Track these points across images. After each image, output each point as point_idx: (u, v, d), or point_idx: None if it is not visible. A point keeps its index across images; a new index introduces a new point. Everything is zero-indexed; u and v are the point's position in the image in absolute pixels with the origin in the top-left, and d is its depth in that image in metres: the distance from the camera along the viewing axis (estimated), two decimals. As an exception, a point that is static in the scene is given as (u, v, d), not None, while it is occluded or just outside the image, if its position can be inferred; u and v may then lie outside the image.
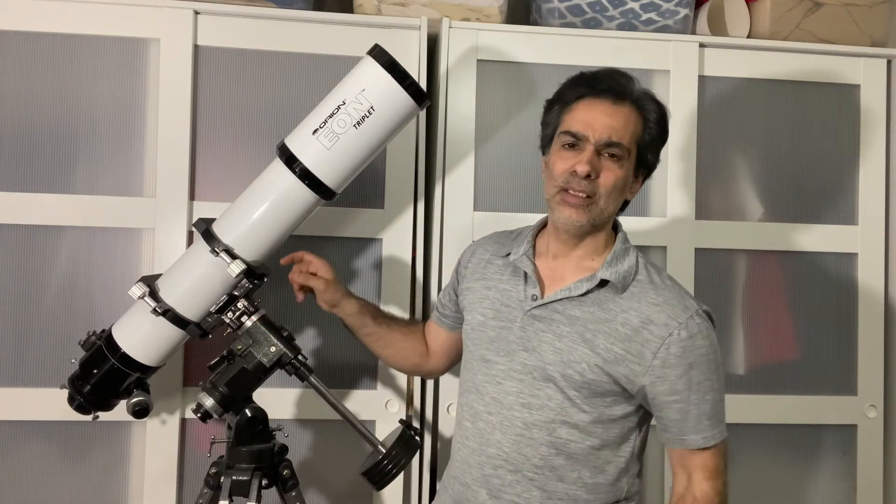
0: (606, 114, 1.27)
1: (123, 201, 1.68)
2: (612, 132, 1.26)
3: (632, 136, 1.28)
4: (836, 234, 1.89)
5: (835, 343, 1.90)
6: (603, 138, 1.26)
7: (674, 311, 1.26)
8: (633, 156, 1.30)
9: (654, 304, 1.27)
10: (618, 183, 1.28)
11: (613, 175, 1.27)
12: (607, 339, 1.26)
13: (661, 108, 1.34)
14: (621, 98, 1.28)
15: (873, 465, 1.89)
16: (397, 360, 1.59)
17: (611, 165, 1.27)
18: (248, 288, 1.44)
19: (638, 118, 1.30)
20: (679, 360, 1.24)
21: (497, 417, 1.32)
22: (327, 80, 1.59)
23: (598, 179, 1.26)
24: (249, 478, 1.38)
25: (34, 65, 1.67)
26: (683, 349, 1.24)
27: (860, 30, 1.92)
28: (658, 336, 1.25)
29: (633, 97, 1.30)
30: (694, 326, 1.25)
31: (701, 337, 1.26)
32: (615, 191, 1.28)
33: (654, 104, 1.33)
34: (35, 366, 1.67)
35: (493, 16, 1.82)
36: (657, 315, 1.26)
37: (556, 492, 1.29)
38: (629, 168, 1.30)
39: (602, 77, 1.31)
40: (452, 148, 1.77)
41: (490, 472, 1.32)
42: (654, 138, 1.32)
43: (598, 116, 1.27)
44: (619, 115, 1.27)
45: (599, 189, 1.27)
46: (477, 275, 1.44)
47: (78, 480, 1.69)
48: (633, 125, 1.29)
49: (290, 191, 1.40)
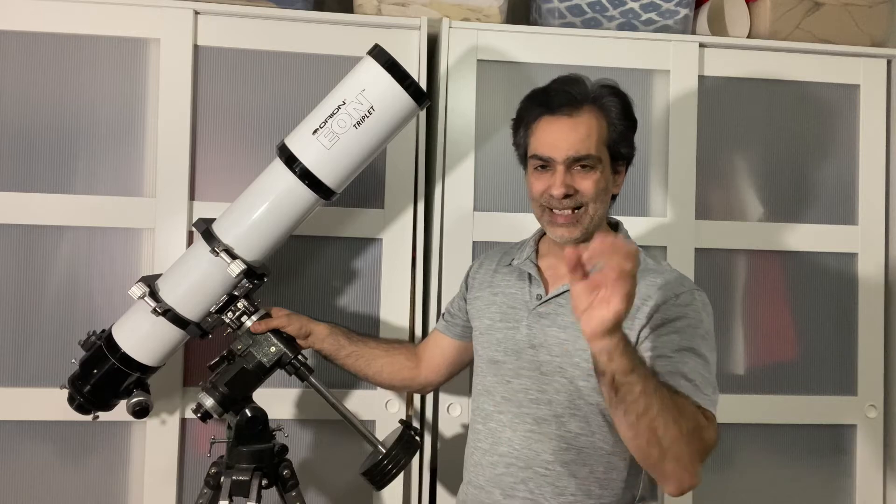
0: (566, 130, 1.28)
1: (123, 201, 1.68)
2: (577, 147, 1.28)
3: (597, 141, 1.29)
4: (836, 234, 1.89)
5: (834, 343, 1.90)
6: (569, 156, 1.28)
7: (670, 286, 1.28)
8: (606, 157, 1.31)
9: (654, 284, 1.29)
10: (598, 187, 1.29)
11: (591, 182, 1.29)
12: None
13: (623, 98, 1.33)
14: (577, 107, 1.29)
15: (873, 465, 1.89)
16: (384, 378, 1.58)
17: (585, 175, 1.29)
18: (248, 288, 1.44)
19: (600, 120, 1.30)
20: (667, 323, 1.23)
21: (507, 416, 1.33)
22: (327, 80, 1.59)
23: (577, 193, 1.28)
24: (249, 478, 1.38)
25: (34, 65, 1.67)
26: (672, 314, 1.24)
27: (860, 30, 1.92)
28: (653, 305, 1.26)
29: (590, 99, 1.30)
30: (687, 297, 1.26)
31: (693, 309, 1.25)
32: (599, 195, 1.30)
33: (613, 97, 1.32)
34: (35, 366, 1.67)
35: (493, 16, 1.82)
36: (655, 292, 1.27)
37: (569, 487, 1.29)
38: (605, 170, 1.31)
39: (554, 93, 1.31)
40: (452, 148, 1.77)
41: (502, 472, 1.33)
42: (623, 131, 1.32)
43: (560, 135, 1.28)
44: (580, 126, 1.28)
45: (583, 199, 1.29)
46: (485, 284, 1.46)
47: (78, 480, 1.69)
48: (597, 130, 1.29)
49: (290, 191, 1.40)
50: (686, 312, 1.25)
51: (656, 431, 1.07)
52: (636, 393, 1.05)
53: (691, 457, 1.10)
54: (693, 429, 1.11)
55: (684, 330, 1.23)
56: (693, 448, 1.10)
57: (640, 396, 1.05)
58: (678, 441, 1.08)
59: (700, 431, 1.12)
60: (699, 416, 1.14)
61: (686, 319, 1.24)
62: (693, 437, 1.10)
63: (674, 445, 1.08)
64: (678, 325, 1.24)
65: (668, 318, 1.24)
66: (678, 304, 1.25)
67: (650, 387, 1.06)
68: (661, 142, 1.83)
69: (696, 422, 1.12)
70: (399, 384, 1.61)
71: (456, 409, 1.75)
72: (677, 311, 1.25)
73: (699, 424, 1.13)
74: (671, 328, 1.23)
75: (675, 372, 1.18)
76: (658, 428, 1.07)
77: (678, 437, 1.08)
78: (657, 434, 1.07)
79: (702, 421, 1.14)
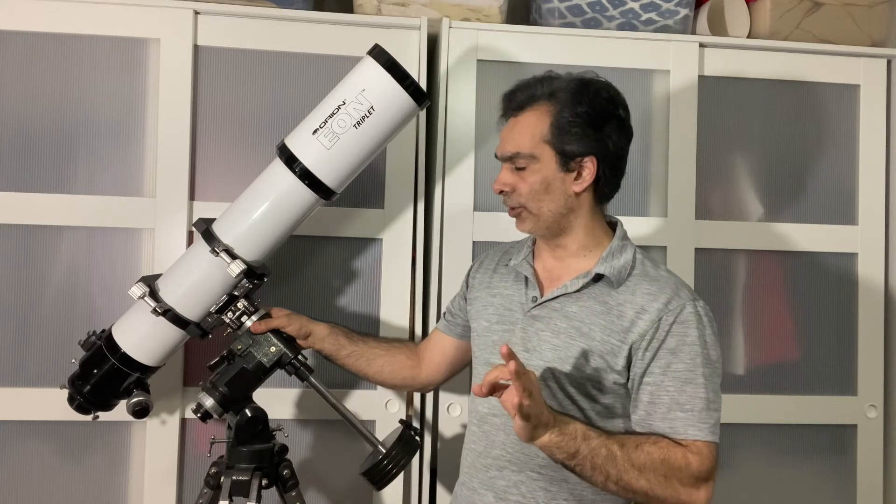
0: (508, 130, 1.35)
1: (123, 201, 1.68)
2: (507, 146, 1.33)
3: (533, 138, 1.29)
4: (836, 234, 1.89)
5: (835, 343, 1.90)
6: (505, 154, 1.33)
7: (667, 299, 1.26)
8: (549, 154, 1.29)
9: (649, 293, 1.28)
10: (534, 187, 1.30)
11: (524, 182, 1.31)
12: (603, 331, 1.27)
13: (584, 92, 1.29)
14: (520, 109, 1.33)
15: (873, 465, 1.89)
16: (384, 377, 1.58)
17: (522, 174, 1.32)
18: (248, 288, 1.44)
19: (543, 115, 1.30)
20: (661, 344, 1.24)
21: (501, 419, 1.33)
22: (327, 80, 1.59)
23: (514, 191, 1.32)
24: (249, 478, 1.38)
25: (34, 65, 1.67)
26: (668, 334, 1.24)
27: (860, 30, 1.92)
28: (649, 321, 1.25)
29: (539, 99, 1.31)
30: (685, 315, 1.25)
31: (691, 327, 1.25)
32: (535, 195, 1.30)
33: (568, 93, 1.29)
34: (35, 366, 1.67)
35: (493, 16, 1.82)
36: (650, 304, 1.26)
37: (561, 492, 1.29)
38: (545, 168, 1.29)
39: (506, 97, 1.37)
40: (452, 148, 1.77)
41: (495, 474, 1.33)
42: (567, 127, 1.28)
43: (504, 135, 1.35)
44: (518, 125, 1.33)
45: (518, 198, 1.32)
46: (483, 284, 1.46)
47: (78, 480, 1.69)
48: (534, 127, 1.30)
49: (290, 191, 1.40)
50: (685, 332, 1.25)
51: (627, 488, 1.20)
52: (588, 469, 1.18)
53: (675, 494, 1.21)
54: (666, 473, 1.20)
55: (682, 355, 1.24)
56: (675, 488, 1.21)
57: (594, 472, 1.18)
58: (652, 490, 1.20)
59: (678, 471, 1.21)
60: (673, 457, 1.21)
61: (684, 341, 1.24)
62: (670, 480, 1.20)
63: (651, 493, 1.20)
64: (675, 348, 1.24)
65: (665, 343, 1.24)
66: (677, 323, 1.25)
67: (599, 460, 1.18)
68: (661, 142, 1.83)
69: (669, 464, 1.21)
70: (400, 383, 1.61)
71: (456, 409, 1.75)
72: (675, 333, 1.24)
73: (674, 465, 1.21)
74: (668, 354, 1.24)
75: (673, 404, 1.23)
76: (626, 486, 1.20)
77: (649, 487, 1.20)
78: (629, 489, 1.20)
79: (678, 460, 1.21)
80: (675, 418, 1.23)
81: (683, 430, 1.23)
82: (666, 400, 1.24)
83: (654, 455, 1.20)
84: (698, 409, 1.23)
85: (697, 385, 1.24)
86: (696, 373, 1.24)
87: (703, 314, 1.27)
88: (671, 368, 1.24)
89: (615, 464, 1.18)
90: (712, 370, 1.26)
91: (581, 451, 1.17)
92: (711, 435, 1.23)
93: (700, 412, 1.23)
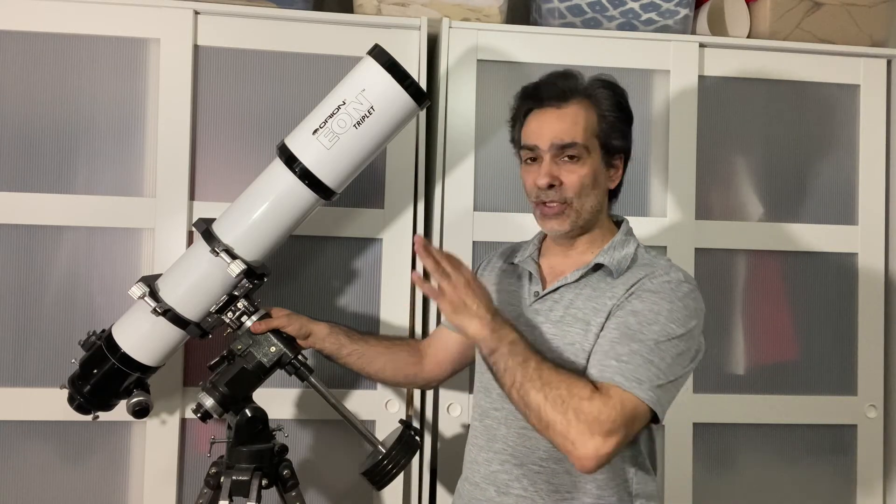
0: (552, 119, 1.30)
1: (123, 201, 1.68)
2: (561, 135, 1.28)
3: (585, 130, 1.29)
4: (836, 234, 1.89)
5: (835, 343, 1.90)
6: (554, 143, 1.28)
7: (651, 271, 1.27)
8: (596, 148, 1.30)
9: (639, 275, 1.28)
10: (584, 181, 1.29)
11: (576, 176, 1.29)
12: (595, 313, 1.27)
13: (616, 91, 1.34)
14: (564, 100, 1.30)
15: (873, 465, 1.89)
16: (387, 375, 1.58)
17: (571, 167, 1.29)
18: (248, 288, 1.44)
19: (589, 111, 1.30)
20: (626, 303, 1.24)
21: (502, 412, 1.33)
22: (327, 80, 1.59)
23: (563, 185, 1.29)
24: (249, 478, 1.38)
25: (34, 65, 1.67)
26: (636, 297, 1.24)
27: (860, 30, 1.92)
28: (626, 287, 1.26)
29: (580, 92, 1.31)
30: (658, 284, 1.25)
31: (663, 298, 1.23)
32: (585, 189, 1.29)
33: (605, 90, 1.33)
34: (35, 366, 1.67)
35: (493, 16, 1.82)
36: (639, 276, 1.27)
37: (564, 485, 1.28)
38: (594, 162, 1.30)
39: (542, 86, 1.33)
40: (452, 148, 1.77)
41: (497, 468, 1.33)
42: (614, 123, 1.32)
43: (545, 124, 1.30)
44: (566, 116, 1.29)
45: (568, 193, 1.29)
46: (490, 282, 1.46)
47: (78, 480, 1.69)
48: (585, 120, 1.30)
49: (290, 191, 1.40)
50: (654, 301, 1.23)
51: (524, 398, 1.16)
52: (500, 370, 1.18)
53: (566, 425, 1.12)
54: (564, 396, 1.13)
55: (640, 316, 1.21)
56: (569, 419, 1.12)
57: (505, 373, 1.18)
58: (544, 409, 1.13)
59: (577, 399, 1.13)
60: (578, 385, 1.15)
61: (648, 307, 1.22)
62: (566, 406, 1.12)
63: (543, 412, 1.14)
64: (637, 310, 1.22)
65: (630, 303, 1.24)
66: (648, 291, 1.24)
67: (512, 362, 1.17)
68: (661, 142, 1.83)
69: (571, 388, 1.14)
70: (402, 381, 1.61)
71: (456, 409, 1.75)
72: (643, 298, 1.23)
73: (575, 391, 1.13)
74: (629, 315, 1.22)
75: (610, 352, 1.20)
76: (524, 395, 1.16)
77: (542, 403, 1.13)
78: (524, 401, 1.16)
79: (581, 391, 1.14)
80: (607, 367, 1.18)
81: (610, 375, 1.16)
82: (606, 348, 1.20)
83: (563, 375, 1.16)
84: (635, 364, 1.16)
85: (645, 345, 1.18)
86: (648, 335, 1.19)
87: (685, 293, 1.25)
88: (624, 322, 1.22)
89: (525, 370, 1.16)
90: (670, 345, 1.19)
91: (500, 350, 1.18)
92: (638, 389, 1.15)
93: (636, 367, 1.16)
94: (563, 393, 1.13)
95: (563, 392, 1.13)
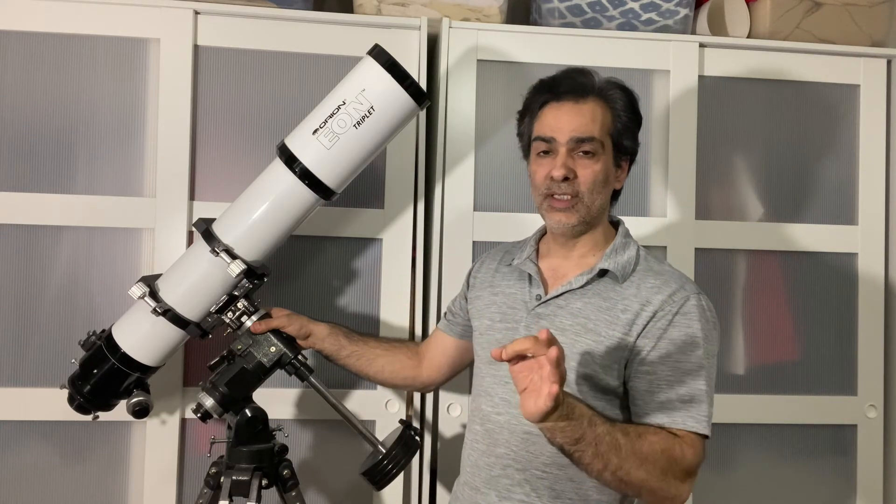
0: (571, 113, 1.30)
1: (123, 201, 1.68)
2: (580, 129, 1.29)
3: (601, 127, 1.30)
4: (836, 234, 1.89)
5: (835, 343, 1.90)
6: (573, 136, 1.29)
7: (672, 291, 1.27)
8: (609, 147, 1.31)
9: (654, 287, 1.28)
10: (598, 177, 1.29)
11: (591, 171, 1.29)
12: (608, 326, 1.27)
13: (629, 93, 1.35)
14: (583, 95, 1.31)
15: (873, 465, 1.89)
16: (385, 377, 1.58)
17: (586, 162, 1.29)
18: (248, 288, 1.44)
19: (605, 109, 1.31)
20: (662, 333, 1.25)
21: (505, 417, 1.32)
22: (327, 80, 1.59)
23: (577, 179, 1.29)
24: (249, 478, 1.38)
25: (34, 65, 1.67)
26: (670, 324, 1.25)
27: (860, 30, 1.92)
28: (652, 312, 1.26)
29: (596, 91, 1.32)
30: (689, 307, 1.26)
31: (694, 319, 1.25)
32: (597, 185, 1.30)
33: (619, 91, 1.34)
34: (35, 366, 1.67)
35: (493, 16, 1.82)
36: (655, 296, 1.27)
37: (566, 491, 1.28)
38: (607, 160, 1.31)
39: (561, 80, 1.34)
40: (452, 148, 1.77)
41: (499, 473, 1.32)
42: (627, 124, 1.33)
43: (564, 118, 1.30)
44: (584, 111, 1.30)
45: (581, 188, 1.29)
46: (486, 283, 1.46)
47: (78, 480, 1.69)
48: (601, 117, 1.30)
49: (290, 191, 1.40)
50: (688, 324, 1.25)
51: (623, 479, 1.15)
52: (589, 456, 1.12)
53: (667, 486, 1.18)
54: (665, 465, 1.18)
55: (683, 346, 1.24)
56: (668, 481, 1.18)
57: (595, 458, 1.13)
58: (647, 482, 1.16)
59: (675, 463, 1.19)
60: (672, 449, 1.19)
61: (685, 333, 1.24)
62: (666, 473, 1.18)
63: (644, 485, 1.17)
64: (676, 339, 1.24)
65: (667, 333, 1.25)
66: (679, 314, 1.25)
67: (603, 447, 1.12)
68: (661, 142, 1.83)
69: (669, 456, 1.18)
70: (401, 383, 1.61)
71: (456, 409, 1.75)
72: (678, 324, 1.25)
73: (672, 457, 1.19)
74: (669, 345, 1.24)
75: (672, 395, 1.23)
76: (623, 476, 1.15)
77: (645, 479, 1.16)
78: (624, 480, 1.15)
79: (676, 452, 1.19)
80: (674, 409, 1.22)
81: (682, 421, 1.22)
82: (665, 390, 1.23)
83: (656, 446, 1.18)
84: (697, 402, 1.23)
85: (697, 377, 1.23)
86: (697, 365, 1.24)
87: (706, 308, 1.28)
88: (671, 359, 1.24)
89: (618, 452, 1.13)
90: (711, 364, 1.26)
91: (586, 437, 1.10)
92: (707, 429, 1.23)
93: (699, 405, 1.23)
94: (660, 463, 1.17)
95: (660, 462, 1.17)
